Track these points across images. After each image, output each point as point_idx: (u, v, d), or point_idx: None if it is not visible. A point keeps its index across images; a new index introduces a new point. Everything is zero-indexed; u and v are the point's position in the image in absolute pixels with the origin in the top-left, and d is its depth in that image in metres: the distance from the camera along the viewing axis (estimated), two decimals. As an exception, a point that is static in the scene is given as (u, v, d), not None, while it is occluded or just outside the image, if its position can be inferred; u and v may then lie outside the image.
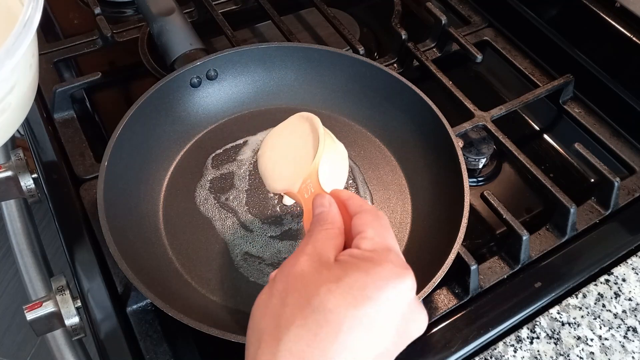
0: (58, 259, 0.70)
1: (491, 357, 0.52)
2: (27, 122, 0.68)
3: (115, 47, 0.76)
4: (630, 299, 0.56)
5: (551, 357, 0.52)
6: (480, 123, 0.66)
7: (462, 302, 0.55)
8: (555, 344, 0.53)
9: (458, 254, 0.52)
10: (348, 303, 0.33)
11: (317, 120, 0.51)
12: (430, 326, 0.54)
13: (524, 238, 0.56)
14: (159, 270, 0.54)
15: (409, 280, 0.36)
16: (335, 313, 0.33)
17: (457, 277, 0.56)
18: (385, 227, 0.39)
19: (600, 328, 0.54)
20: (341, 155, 0.53)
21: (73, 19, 0.84)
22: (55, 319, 0.56)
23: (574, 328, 0.54)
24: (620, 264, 0.59)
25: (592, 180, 0.67)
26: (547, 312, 0.55)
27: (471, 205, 0.54)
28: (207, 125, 0.66)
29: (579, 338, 0.54)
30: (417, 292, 0.47)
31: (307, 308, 0.33)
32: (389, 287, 0.34)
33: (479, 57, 0.72)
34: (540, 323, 0.55)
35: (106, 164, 0.54)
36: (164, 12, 0.68)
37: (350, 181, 0.62)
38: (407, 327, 0.36)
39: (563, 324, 0.55)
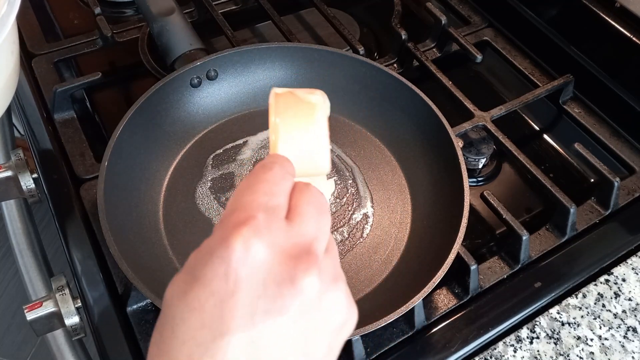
0: (58, 259, 0.70)
1: (491, 357, 0.52)
2: (27, 122, 0.68)
3: (115, 47, 0.76)
4: (630, 299, 0.56)
5: (551, 357, 0.52)
6: (480, 123, 0.66)
7: (462, 302, 0.55)
8: (555, 344, 0.53)
9: (458, 254, 0.52)
10: (180, 291, 0.28)
11: (270, 95, 0.39)
12: (430, 326, 0.54)
13: (524, 238, 0.56)
14: (159, 270, 0.54)
15: (237, 245, 0.28)
16: (169, 306, 0.29)
17: (457, 277, 0.56)
18: (245, 186, 0.32)
19: (600, 328, 0.54)
20: (311, 113, 0.39)
21: (73, 19, 0.84)
22: (55, 319, 0.56)
23: (574, 328, 0.54)
24: (620, 264, 0.59)
25: (592, 180, 0.67)
26: (547, 312, 0.55)
27: (471, 205, 0.54)
28: (207, 125, 0.66)
29: (579, 338, 0.54)
30: (417, 292, 0.48)
31: (162, 308, 0.30)
32: (213, 259, 0.28)
33: (479, 57, 0.72)
34: (540, 323, 0.55)
35: (106, 164, 0.54)
36: (164, 12, 0.68)
37: (350, 181, 0.62)
38: (275, 299, 0.28)
39: (563, 324, 0.55)
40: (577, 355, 0.53)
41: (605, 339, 0.54)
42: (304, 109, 0.39)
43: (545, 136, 0.72)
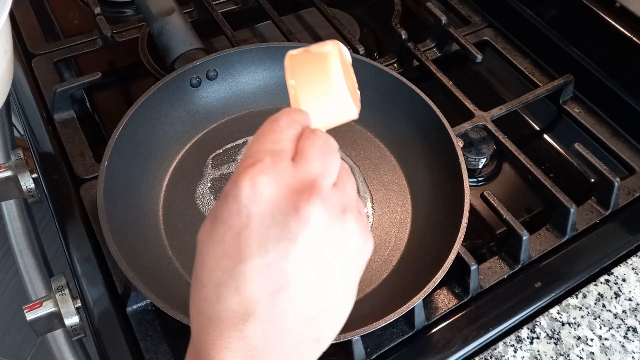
0: (58, 259, 0.70)
1: (491, 357, 0.52)
2: (27, 122, 0.68)
3: (115, 47, 0.76)
4: (630, 299, 0.56)
5: (551, 357, 0.52)
6: (480, 123, 0.66)
7: (462, 302, 0.55)
8: (555, 344, 0.53)
9: (458, 254, 0.52)
10: (206, 231, 0.33)
11: (285, 58, 0.39)
12: (430, 326, 0.54)
13: (524, 238, 0.56)
14: (159, 270, 0.54)
15: (245, 183, 0.31)
16: (199, 244, 0.33)
17: (457, 277, 0.56)
18: (255, 138, 0.35)
19: (600, 328, 0.54)
20: (325, 64, 0.38)
21: (73, 19, 0.84)
22: (55, 319, 0.56)
23: (574, 328, 0.54)
24: (620, 264, 0.59)
25: (592, 180, 0.67)
26: (547, 312, 0.55)
27: (471, 205, 0.54)
28: (207, 125, 0.66)
29: (579, 338, 0.54)
30: (417, 292, 0.48)
31: (196, 250, 0.34)
32: (227, 199, 0.32)
33: (479, 57, 0.72)
34: (540, 323, 0.55)
35: (106, 164, 0.54)
36: (164, 12, 0.68)
37: (350, 181, 0.62)
38: (282, 227, 0.31)
39: (563, 324, 0.55)
40: (577, 356, 0.53)
41: (606, 339, 0.54)
42: (317, 62, 0.39)
43: (546, 136, 0.72)
